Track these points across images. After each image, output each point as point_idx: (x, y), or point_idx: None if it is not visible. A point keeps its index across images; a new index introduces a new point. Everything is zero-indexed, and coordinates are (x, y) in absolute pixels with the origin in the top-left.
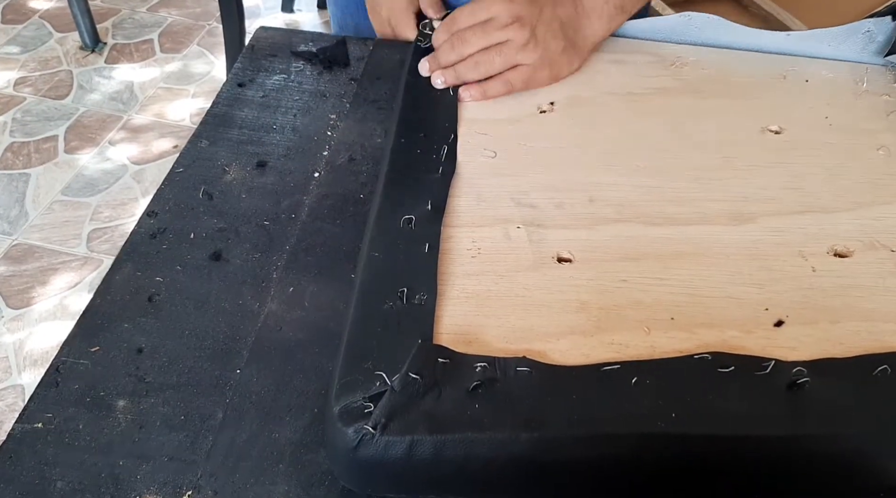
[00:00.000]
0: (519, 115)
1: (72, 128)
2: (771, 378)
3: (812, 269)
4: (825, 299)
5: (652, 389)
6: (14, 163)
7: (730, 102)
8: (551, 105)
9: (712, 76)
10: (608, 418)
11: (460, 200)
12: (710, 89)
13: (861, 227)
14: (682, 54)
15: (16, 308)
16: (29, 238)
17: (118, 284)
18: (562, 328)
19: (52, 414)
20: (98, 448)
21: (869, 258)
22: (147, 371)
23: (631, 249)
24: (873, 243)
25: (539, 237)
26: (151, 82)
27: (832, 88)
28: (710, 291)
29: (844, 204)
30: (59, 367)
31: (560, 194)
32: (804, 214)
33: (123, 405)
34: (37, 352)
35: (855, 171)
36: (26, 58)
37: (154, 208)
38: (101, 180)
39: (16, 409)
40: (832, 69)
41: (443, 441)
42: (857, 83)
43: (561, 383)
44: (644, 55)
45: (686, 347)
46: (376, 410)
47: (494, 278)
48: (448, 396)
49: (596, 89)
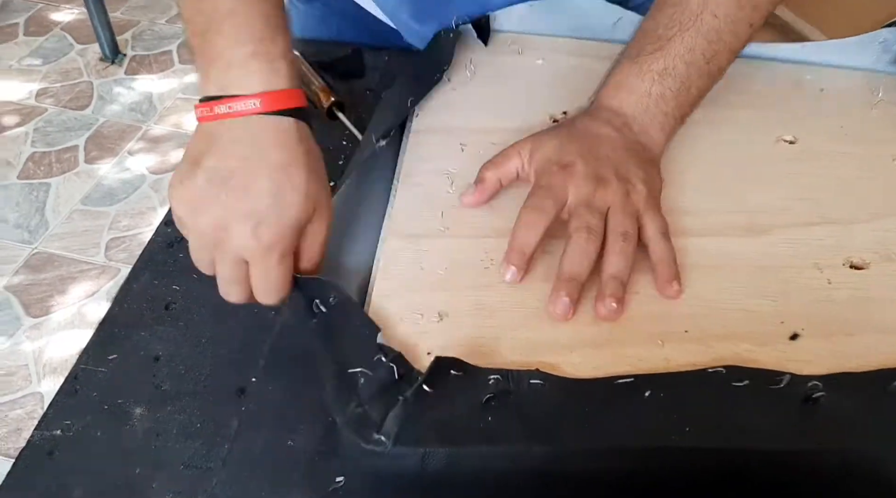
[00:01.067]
0: (531, 125)
1: (92, 138)
2: (786, 392)
3: (828, 281)
4: (841, 312)
5: (665, 402)
6: (35, 172)
7: (744, 112)
8: (564, 114)
9: (726, 85)
10: (621, 431)
11: (472, 211)
12: (725, 98)
13: (877, 239)
14: None
15: (35, 317)
16: (49, 247)
17: (136, 292)
18: (575, 341)
19: (70, 421)
20: (116, 455)
21: (885, 270)
22: (164, 379)
23: (643, 261)
24: (889, 255)
25: (551, 248)
26: (170, 93)
27: (847, 98)
28: (724, 304)
29: (860, 215)
30: (77, 374)
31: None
32: (819, 226)
33: (140, 413)
34: (56, 360)
35: (870, 182)
36: (48, 69)
37: (172, 217)
38: (120, 190)
39: (35, 416)
40: (847, 78)
41: (455, 453)
42: (873, 93)
43: (574, 396)
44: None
45: (700, 360)
46: (388, 420)
47: (508, 290)
48: (461, 408)
49: None
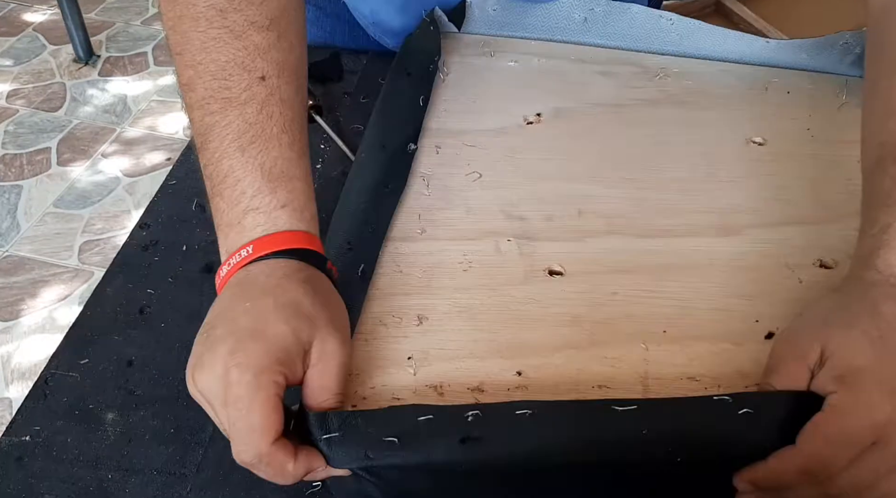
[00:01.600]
0: (506, 127)
1: (64, 140)
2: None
3: (799, 280)
4: None
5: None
6: (6, 175)
7: (714, 114)
8: (538, 116)
9: (696, 88)
10: (612, 462)
11: (450, 213)
12: (694, 101)
13: (845, 239)
14: (665, 65)
15: (5, 320)
16: (20, 250)
17: (109, 295)
18: (556, 342)
19: (40, 427)
20: (86, 461)
21: None
22: (137, 384)
23: (621, 262)
24: None
25: (530, 250)
26: (144, 95)
27: (813, 100)
28: (700, 304)
29: (829, 215)
30: (47, 379)
31: (549, 207)
32: (789, 226)
33: (112, 418)
34: (25, 364)
35: (838, 183)
36: (19, 70)
37: (147, 220)
38: (94, 192)
39: (3, 422)
40: (813, 81)
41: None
42: (837, 95)
43: (560, 423)
44: (629, 66)
45: (680, 360)
46: (367, 477)
47: (487, 292)
48: (438, 452)
49: (582, 100)
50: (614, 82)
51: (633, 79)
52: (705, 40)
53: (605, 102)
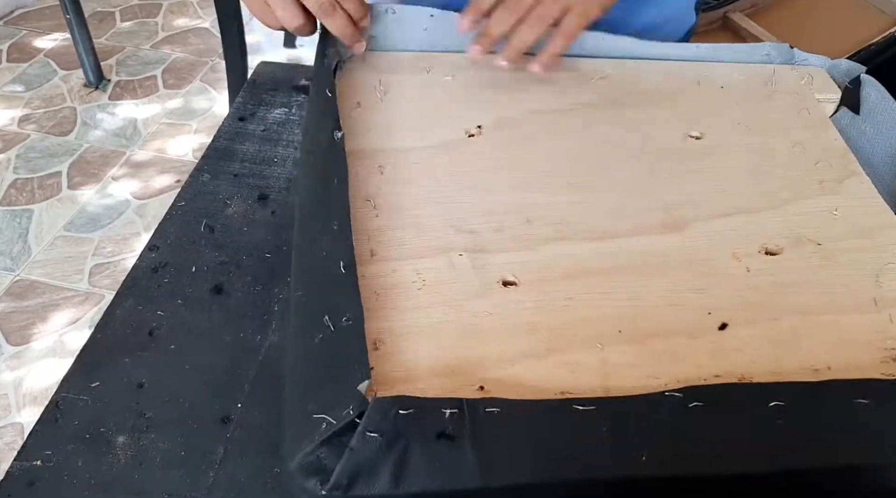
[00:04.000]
0: (448, 141)
1: (75, 164)
2: (747, 409)
3: (746, 269)
4: (762, 298)
5: (624, 430)
6: (17, 199)
7: (650, 112)
8: (479, 128)
9: (631, 88)
10: (582, 462)
11: (400, 232)
12: (630, 100)
13: (787, 224)
14: (599, 68)
15: (16, 345)
16: (31, 274)
17: (119, 318)
18: (515, 353)
19: (51, 451)
20: (97, 485)
21: (798, 254)
22: (147, 406)
23: (572, 267)
24: (800, 238)
25: (482, 263)
26: (154, 118)
27: (745, 91)
28: (653, 301)
29: (769, 202)
30: (58, 402)
31: (497, 217)
32: (732, 217)
33: (123, 441)
34: (36, 389)
35: (775, 170)
36: (31, 95)
37: (156, 242)
38: (104, 216)
39: (15, 447)
40: (742, 72)
41: (413, 496)
42: (767, 85)
43: (532, 425)
44: (565, 72)
45: (637, 360)
46: (337, 470)
47: (444, 309)
48: (415, 447)
49: (521, 109)
50: (552, 89)
51: (569, 84)
52: (633, 48)
53: (545, 109)
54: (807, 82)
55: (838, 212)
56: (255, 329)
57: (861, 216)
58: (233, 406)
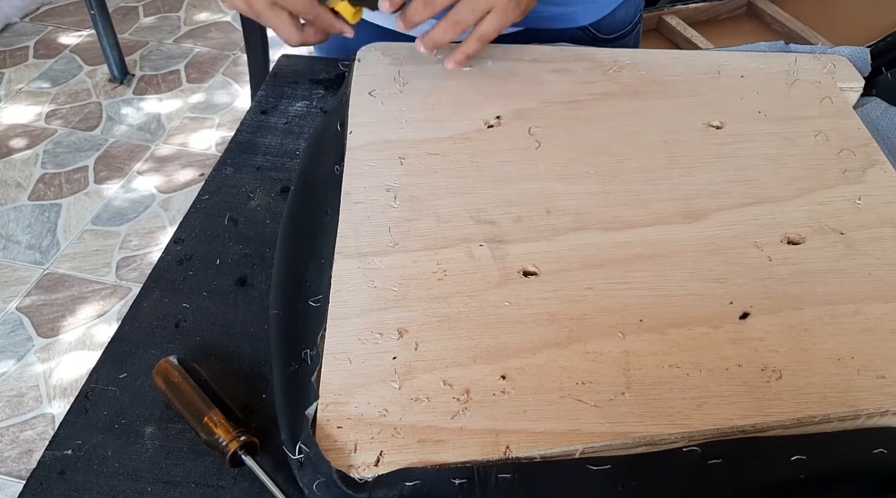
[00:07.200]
0: (467, 132)
1: (101, 158)
2: (768, 466)
3: (768, 258)
4: (785, 287)
5: (638, 491)
6: (46, 193)
7: (670, 102)
8: (498, 119)
9: (649, 77)
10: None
11: (420, 223)
12: (649, 90)
13: (809, 213)
14: (618, 58)
15: (46, 337)
16: (60, 268)
17: (146, 310)
18: (536, 342)
19: (81, 441)
20: (126, 474)
21: (820, 243)
22: None
23: (592, 257)
24: (822, 228)
25: (502, 253)
26: (178, 112)
27: (766, 80)
28: (674, 290)
29: (790, 192)
30: (88, 393)
31: (517, 208)
32: (754, 206)
33: (151, 431)
34: (66, 380)
35: (797, 159)
36: (57, 91)
37: (181, 235)
38: (130, 209)
39: (46, 437)
40: (763, 61)
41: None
42: (790, 73)
43: (545, 490)
44: (583, 62)
45: (659, 348)
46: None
47: (464, 299)
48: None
49: (540, 100)
50: (569, 79)
51: (587, 74)
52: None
53: (563, 100)
54: (829, 71)
55: (862, 201)
56: None
57: (885, 205)
58: (257, 396)
